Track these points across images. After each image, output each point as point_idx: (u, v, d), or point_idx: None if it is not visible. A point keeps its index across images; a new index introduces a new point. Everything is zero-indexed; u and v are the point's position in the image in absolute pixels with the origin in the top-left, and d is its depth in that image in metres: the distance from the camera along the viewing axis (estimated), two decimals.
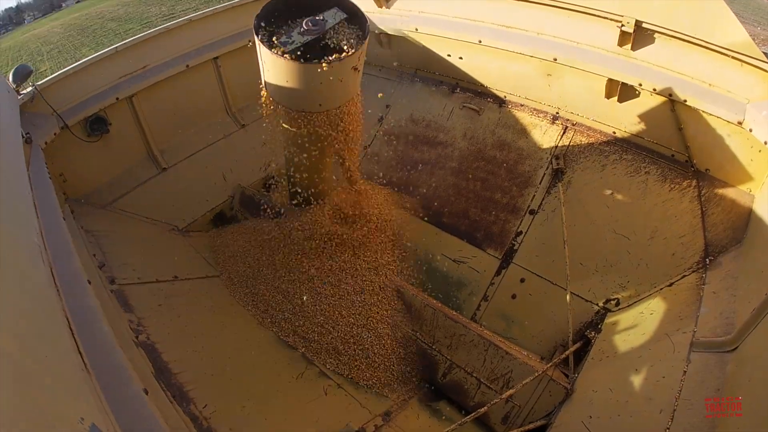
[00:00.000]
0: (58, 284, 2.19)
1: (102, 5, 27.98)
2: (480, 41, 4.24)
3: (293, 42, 2.92)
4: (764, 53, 2.99)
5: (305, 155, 3.49)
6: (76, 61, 4.08)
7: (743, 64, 3.01)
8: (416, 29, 4.64)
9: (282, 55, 2.90)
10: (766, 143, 2.79)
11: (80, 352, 1.83)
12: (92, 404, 1.59)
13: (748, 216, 3.13)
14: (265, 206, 4.19)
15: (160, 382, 2.78)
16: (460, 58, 4.57)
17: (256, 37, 2.99)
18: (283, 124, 3.45)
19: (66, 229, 2.68)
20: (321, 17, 3.01)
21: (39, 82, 3.75)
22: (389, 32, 4.80)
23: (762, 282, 2.62)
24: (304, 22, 2.99)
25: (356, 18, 3.18)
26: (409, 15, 4.71)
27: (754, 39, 2.98)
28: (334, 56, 2.99)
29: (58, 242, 2.54)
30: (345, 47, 3.06)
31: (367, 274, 3.69)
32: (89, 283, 2.39)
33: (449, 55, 4.61)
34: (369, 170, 4.64)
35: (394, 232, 4.00)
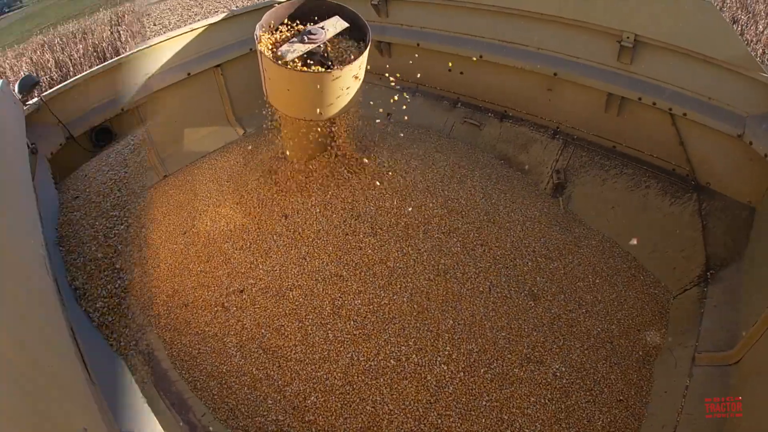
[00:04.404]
0: (62, 294, 2.21)
1: None
2: (481, 56, 4.30)
3: (294, 51, 2.96)
4: None
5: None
6: None
7: (742, 77, 3.03)
8: (417, 44, 4.70)
9: (283, 64, 2.93)
10: (766, 156, 2.80)
11: (83, 361, 1.84)
12: (94, 412, 1.59)
13: (749, 229, 3.13)
14: None
15: (160, 390, 2.78)
16: (461, 73, 4.62)
17: (257, 45, 3.03)
18: (284, 131, 3.51)
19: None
20: (322, 26, 3.05)
21: (44, 93, 3.81)
22: (390, 41, 4.85)
23: (764, 295, 2.61)
24: (305, 31, 3.04)
25: (357, 27, 3.23)
26: (410, 29, 4.78)
27: None
28: (335, 65, 3.03)
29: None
30: (346, 56, 3.10)
31: None
32: None
33: (450, 70, 4.67)
34: None
35: None
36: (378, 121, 4.01)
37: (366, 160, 3.60)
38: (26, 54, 12.01)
